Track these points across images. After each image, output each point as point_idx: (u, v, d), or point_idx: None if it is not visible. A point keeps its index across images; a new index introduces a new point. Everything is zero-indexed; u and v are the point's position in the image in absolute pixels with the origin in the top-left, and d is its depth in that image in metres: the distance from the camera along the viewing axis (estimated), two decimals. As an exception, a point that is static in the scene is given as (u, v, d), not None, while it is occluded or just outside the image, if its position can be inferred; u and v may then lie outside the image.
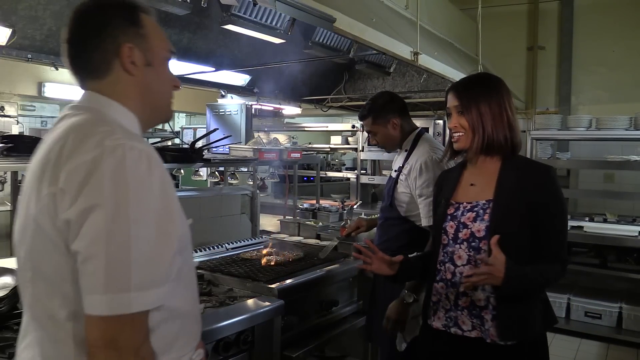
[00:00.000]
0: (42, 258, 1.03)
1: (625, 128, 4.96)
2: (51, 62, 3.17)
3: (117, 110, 1.15)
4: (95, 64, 1.16)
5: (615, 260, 4.80)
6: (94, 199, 0.95)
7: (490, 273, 1.62)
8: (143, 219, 0.98)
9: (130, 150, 1.00)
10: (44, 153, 1.08)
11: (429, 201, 2.43)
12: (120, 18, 1.16)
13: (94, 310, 0.95)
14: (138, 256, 0.97)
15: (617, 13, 6.49)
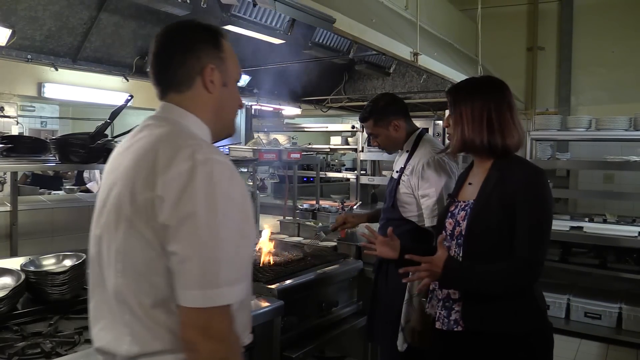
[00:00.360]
0: (135, 253, 1.16)
1: (625, 128, 4.97)
2: (51, 62, 3.17)
3: (194, 122, 1.29)
4: (179, 78, 1.29)
5: (614, 260, 4.80)
6: (190, 207, 1.09)
7: (429, 270, 1.77)
8: (229, 224, 1.13)
9: (217, 164, 1.14)
10: (134, 160, 1.20)
11: (432, 201, 2.43)
12: (206, 41, 1.31)
13: (190, 303, 1.10)
14: (226, 257, 1.12)
15: (616, 14, 6.50)
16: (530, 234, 1.74)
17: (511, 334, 1.79)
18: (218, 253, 1.11)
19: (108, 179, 1.28)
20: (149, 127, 1.28)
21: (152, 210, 1.12)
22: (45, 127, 9.72)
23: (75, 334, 1.85)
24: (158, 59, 1.31)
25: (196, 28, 1.33)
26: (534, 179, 1.79)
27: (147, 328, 1.17)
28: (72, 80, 5.48)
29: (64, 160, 2.54)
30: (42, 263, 2.32)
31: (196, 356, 1.11)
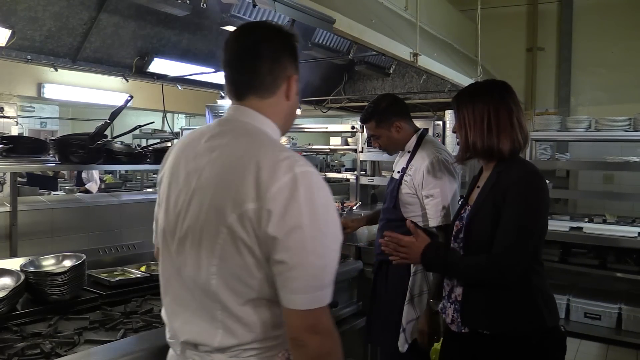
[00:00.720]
0: (234, 258, 1.23)
1: (625, 129, 4.97)
2: (51, 63, 3.17)
3: (272, 129, 1.36)
4: (265, 85, 1.34)
5: (614, 261, 4.79)
6: (296, 220, 1.17)
7: (407, 253, 1.92)
8: (329, 231, 1.22)
9: (313, 176, 1.22)
10: (228, 167, 1.25)
11: (437, 201, 2.43)
12: (290, 51, 1.37)
13: (299, 306, 1.19)
14: (328, 262, 1.22)
15: (616, 14, 6.50)
16: (506, 234, 1.74)
17: (511, 334, 1.79)
18: (322, 260, 1.21)
19: (188, 178, 1.32)
20: (232, 132, 1.33)
21: (259, 221, 1.18)
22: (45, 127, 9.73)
23: (75, 334, 1.85)
24: (244, 63, 1.34)
25: (282, 36, 1.37)
26: (525, 179, 1.80)
27: (238, 323, 1.26)
28: (72, 80, 5.50)
29: (64, 161, 2.54)
30: (42, 263, 2.32)
31: (306, 351, 1.21)
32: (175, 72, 3.82)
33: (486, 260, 1.77)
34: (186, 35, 3.61)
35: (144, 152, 2.96)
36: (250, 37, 1.35)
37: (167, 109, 4.03)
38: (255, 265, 1.22)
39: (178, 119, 10.95)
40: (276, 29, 1.38)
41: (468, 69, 5.20)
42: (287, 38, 1.37)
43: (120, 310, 2.16)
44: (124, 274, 2.55)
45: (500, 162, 1.88)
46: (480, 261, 1.78)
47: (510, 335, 1.80)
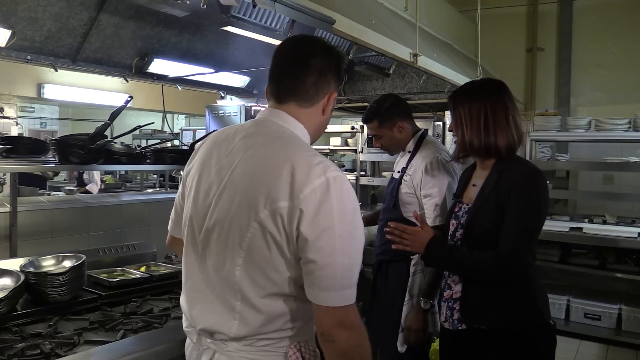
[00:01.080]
0: (261, 252, 1.30)
1: (625, 129, 4.97)
2: (50, 63, 3.17)
3: (304, 134, 1.44)
4: (307, 95, 1.43)
5: (614, 261, 4.80)
6: (328, 221, 1.25)
7: (412, 241, 1.93)
8: (356, 234, 1.30)
9: (343, 181, 1.30)
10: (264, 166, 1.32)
11: (434, 201, 2.44)
12: (336, 70, 1.47)
13: (329, 302, 1.27)
14: (355, 263, 1.30)
15: (616, 15, 6.50)
16: (511, 232, 1.77)
17: (509, 329, 1.82)
18: (350, 260, 1.29)
19: (221, 172, 1.39)
20: (268, 133, 1.40)
21: (291, 220, 1.26)
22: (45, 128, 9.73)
23: (75, 334, 1.85)
24: (293, 71, 1.43)
25: (332, 54, 1.47)
26: (528, 178, 1.82)
27: (256, 314, 1.33)
28: (72, 81, 5.49)
29: (64, 161, 2.54)
30: (42, 264, 2.32)
31: (335, 345, 1.29)
32: (175, 73, 3.82)
33: (493, 257, 1.78)
34: (186, 36, 3.61)
35: (143, 152, 2.96)
36: (305, 49, 1.44)
37: (167, 110, 4.02)
38: (281, 261, 1.29)
39: (178, 119, 10.95)
40: (329, 47, 1.48)
41: (468, 69, 5.20)
42: (336, 57, 1.48)
43: (120, 311, 2.16)
44: (124, 274, 2.55)
45: (499, 161, 1.89)
46: (488, 257, 1.79)
47: (509, 331, 1.82)
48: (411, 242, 1.94)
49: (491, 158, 1.91)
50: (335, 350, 1.29)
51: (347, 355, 1.29)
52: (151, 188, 8.13)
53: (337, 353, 1.29)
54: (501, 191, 1.81)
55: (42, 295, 2.10)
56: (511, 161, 1.89)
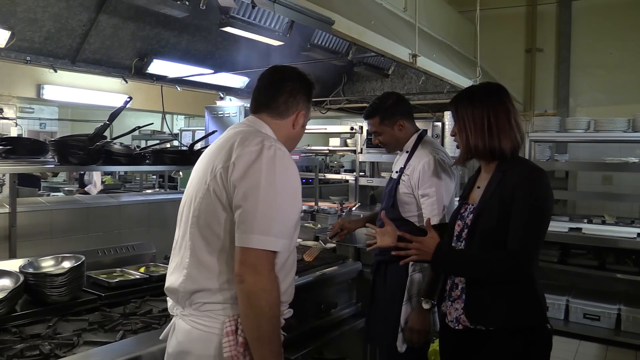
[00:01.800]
0: (208, 208, 1.54)
1: (624, 130, 4.97)
2: (50, 64, 3.17)
3: (269, 132, 1.69)
4: (278, 110, 1.73)
5: (613, 262, 4.80)
6: (256, 176, 1.48)
7: (419, 249, 1.92)
8: (283, 192, 1.50)
9: (279, 150, 1.54)
10: (217, 147, 1.61)
11: (432, 201, 2.45)
12: (306, 93, 1.77)
13: (246, 243, 1.45)
14: (278, 215, 1.48)
15: (614, 15, 6.51)
16: (520, 230, 1.78)
17: (511, 329, 1.83)
18: (273, 211, 1.46)
19: (196, 169, 1.69)
20: (233, 128, 1.71)
21: (226, 174, 1.50)
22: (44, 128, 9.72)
23: (74, 335, 1.85)
24: (268, 91, 1.74)
25: (303, 79, 1.78)
26: (532, 176, 1.84)
27: (200, 269, 1.55)
28: (71, 81, 5.49)
29: (63, 162, 2.54)
30: (41, 265, 2.32)
31: (243, 286, 1.44)
32: (175, 74, 3.82)
33: (505, 256, 1.80)
34: (185, 37, 3.62)
35: (143, 153, 2.96)
36: (280, 74, 1.77)
37: (167, 110, 4.03)
38: (222, 214, 1.52)
39: (177, 120, 10.95)
40: (301, 74, 1.78)
41: (467, 70, 5.20)
42: (306, 83, 1.78)
43: (119, 312, 2.16)
44: (123, 275, 2.55)
45: (502, 162, 1.91)
46: (500, 256, 1.81)
47: (512, 330, 1.83)
48: (420, 250, 1.93)
49: (495, 160, 1.93)
50: (242, 291, 1.44)
51: (253, 296, 1.43)
52: (150, 189, 8.12)
53: (244, 294, 1.44)
54: (505, 190, 1.83)
55: (41, 296, 2.10)
56: (513, 161, 1.92)
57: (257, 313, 1.44)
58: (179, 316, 1.61)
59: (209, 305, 1.54)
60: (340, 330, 2.80)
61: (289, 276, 1.67)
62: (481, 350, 1.87)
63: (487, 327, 1.84)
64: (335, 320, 2.81)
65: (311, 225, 3.80)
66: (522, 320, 1.84)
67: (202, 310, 1.54)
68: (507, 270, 1.81)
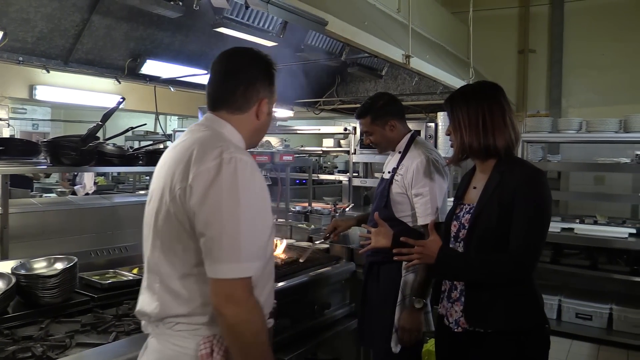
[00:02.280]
0: (170, 232, 1.41)
1: (615, 131, 5.00)
2: (42, 64, 3.16)
3: (230, 131, 1.53)
4: (237, 104, 1.54)
5: (605, 261, 4.82)
6: (217, 197, 1.33)
7: (422, 252, 1.87)
8: (249, 212, 1.35)
9: (240, 162, 1.37)
10: (175, 158, 1.44)
11: (425, 200, 2.45)
12: (265, 77, 1.58)
13: (217, 275, 1.34)
14: (245, 238, 1.35)
15: (606, 17, 6.55)
16: (523, 232, 1.78)
17: (510, 331, 1.83)
18: (240, 235, 1.34)
19: (156, 175, 1.54)
20: (192, 131, 1.53)
21: (184, 198, 1.36)
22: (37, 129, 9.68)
23: (67, 337, 1.84)
24: (222, 83, 1.55)
25: (260, 62, 1.58)
26: (532, 178, 1.84)
27: (171, 296, 1.43)
28: (64, 82, 5.47)
29: (56, 163, 2.53)
30: (33, 266, 2.31)
31: (223, 319, 1.35)
32: (168, 74, 3.81)
33: (508, 259, 1.79)
34: (179, 37, 3.61)
35: (136, 154, 2.95)
36: (232, 63, 1.57)
37: (160, 111, 4.02)
38: (187, 240, 1.39)
39: (171, 120, 10.91)
40: (256, 57, 1.59)
41: (460, 71, 5.22)
42: (265, 66, 1.59)
43: (112, 313, 2.15)
44: (116, 276, 2.54)
45: (500, 162, 1.91)
46: (503, 258, 1.80)
47: (511, 332, 1.83)
48: (421, 254, 1.89)
49: (490, 159, 1.93)
50: (223, 324, 1.36)
51: (236, 329, 1.35)
52: (144, 190, 8.09)
53: (226, 327, 1.36)
54: (505, 191, 1.83)
55: (33, 297, 2.09)
56: (511, 162, 1.91)
57: (243, 343, 1.36)
58: (152, 335, 1.51)
59: (182, 325, 1.44)
60: (334, 331, 2.80)
61: (268, 285, 1.57)
62: (480, 352, 1.87)
63: (486, 329, 1.84)
64: (329, 321, 2.81)
65: (305, 226, 3.80)
66: (521, 322, 1.84)
67: (175, 330, 1.44)
68: (510, 272, 1.81)
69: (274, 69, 1.62)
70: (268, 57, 1.61)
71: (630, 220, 5.35)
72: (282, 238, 3.58)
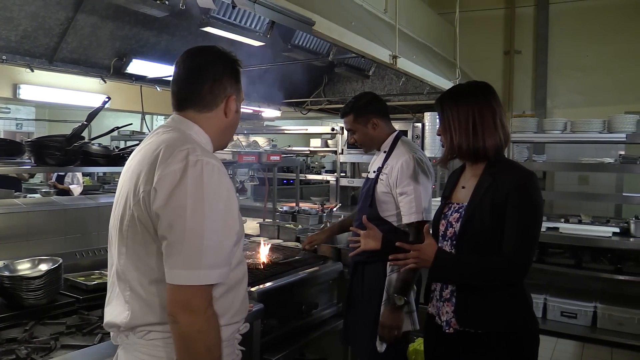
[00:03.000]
0: (136, 238, 1.37)
1: (599, 131, 5.06)
2: (26, 63, 3.12)
3: (197, 132, 1.50)
4: (204, 102, 1.51)
5: (589, 260, 4.89)
6: (181, 201, 1.29)
7: (418, 257, 1.86)
8: (213, 216, 1.31)
9: (206, 165, 1.33)
10: (140, 161, 1.40)
11: (409, 199, 2.47)
12: (231, 74, 1.54)
13: (175, 280, 1.29)
14: (208, 244, 1.30)
15: (590, 19, 6.63)
16: (516, 235, 1.79)
17: (504, 332, 1.84)
18: (202, 240, 1.29)
19: (122, 179, 1.50)
20: (157, 133, 1.49)
21: (149, 200, 1.32)
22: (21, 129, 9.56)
23: (51, 339, 1.83)
24: (187, 82, 1.51)
25: (224, 60, 1.54)
26: (525, 181, 1.84)
27: (141, 304, 1.38)
28: (49, 81, 5.41)
29: (40, 163, 2.51)
30: (17, 267, 2.28)
31: (177, 327, 1.29)
32: (154, 74, 3.79)
33: (503, 261, 1.80)
34: (165, 37, 3.59)
35: (122, 154, 2.93)
36: (197, 60, 1.52)
37: (146, 111, 3.99)
38: (152, 244, 1.35)
39: (157, 120, 10.84)
40: (221, 54, 1.55)
41: (447, 71, 5.25)
42: (230, 62, 1.55)
43: (97, 315, 2.13)
44: (101, 277, 2.52)
45: (490, 164, 1.91)
46: (498, 260, 1.81)
47: (504, 333, 1.84)
48: (418, 257, 1.88)
49: (479, 161, 1.93)
50: (176, 331, 1.30)
51: (189, 338, 1.29)
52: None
53: (178, 335, 1.30)
54: (497, 193, 1.83)
55: (17, 299, 2.06)
56: (503, 164, 1.92)
57: (193, 355, 1.30)
58: (121, 346, 1.47)
59: (155, 334, 1.39)
60: (321, 331, 2.81)
61: (241, 289, 1.53)
62: (471, 353, 1.87)
63: (477, 330, 1.85)
64: (316, 321, 2.81)
65: (292, 226, 3.79)
66: (512, 322, 1.85)
67: (147, 339, 1.40)
68: (505, 275, 1.82)
69: (240, 65, 1.59)
70: (233, 54, 1.58)
71: (614, 219, 5.42)
72: (267, 239, 3.58)
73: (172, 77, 1.55)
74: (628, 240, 4.70)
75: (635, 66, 6.37)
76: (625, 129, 4.89)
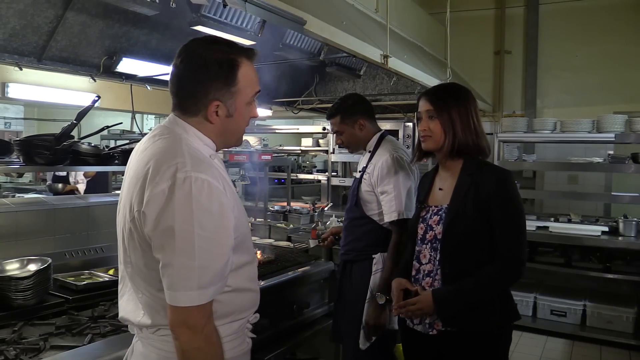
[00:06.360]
0: (136, 253, 1.39)
1: (588, 131, 5.10)
2: (15, 62, 3.09)
3: (195, 134, 1.45)
4: (186, 105, 1.46)
5: (579, 259, 4.93)
6: (169, 222, 1.28)
7: (421, 309, 1.88)
8: (204, 235, 1.29)
9: (195, 182, 1.29)
10: (136, 171, 1.39)
11: (390, 197, 2.50)
12: (219, 77, 1.42)
13: (172, 302, 1.31)
14: (200, 263, 1.29)
15: (580, 19, 6.68)
16: (510, 234, 1.84)
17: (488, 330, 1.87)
18: (193, 261, 1.28)
19: (124, 180, 1.49)
20: (153, 138, 1.45)
21: (140, 223, 1.33)
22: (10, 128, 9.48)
23: (41, 340, 1.81)
24: (175, 81, 1.47)
25: (213, 62, 1.41)
26: (503, 181, 1.88)
27: (156, 306, 1.41)
28: (37, 80, 5.35)
29: (29, 162, 2.48)
30: (6, 268, 2.27)
31: (177, 343, 1.33)
32: (145, 72, 3.76)
33: (502, 267, 1.84)
34: (155, 35, 3.57)
35: (112, 153, 2.91)
36: (185, 57, 1.45)
37: (136, 110, 3.96)
38: (151, 259, 1.35)
39: (147, 119, 10.79)
40: (204, 50, 1.43)
41: (437, 71, 5.27)
42: (222, 61, 1.42)
43: (87, 315, 2.12)
44: (91, 277, 2.51)
45: (466, 164, 1.94)
46: (496, 271, 1.84)
47: (487, 331, 1.87)
48: (421, 308, 1.89)
49: (458, 160, 1.96)
50: (177, 348, 1.33)
51: (188, 354, 1.32)
52: (119, 189, 7.99)
53: (179, 351, 1.33)
54: (478, 195, 1.86)
55: (6, 300, 2.04)
56: (479, 164, 1.95)
57: None
58: (137, 337, 1.53)
59: (165, 330, 1.41)
60: (313, 330, 2.81)
61: (249, 291, 1.56)
62: (454, 352, 1.89)
63: (462, 329, 1.87)
64: (308, 321, 2.81)
65: (283, 226, 3.79)
66: (496, 320, 1.88)
67: (158, 335, 1.44)
68: (511, 278, 1.87)
69: (234, 62, 1.48)
70: (233, 52, 1.49)
71: (603, 218, 5.48)
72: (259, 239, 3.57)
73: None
74: (617, 239, 4.75)
75: (623, 67, 6.42)
76: (614, 129, 4.94)
